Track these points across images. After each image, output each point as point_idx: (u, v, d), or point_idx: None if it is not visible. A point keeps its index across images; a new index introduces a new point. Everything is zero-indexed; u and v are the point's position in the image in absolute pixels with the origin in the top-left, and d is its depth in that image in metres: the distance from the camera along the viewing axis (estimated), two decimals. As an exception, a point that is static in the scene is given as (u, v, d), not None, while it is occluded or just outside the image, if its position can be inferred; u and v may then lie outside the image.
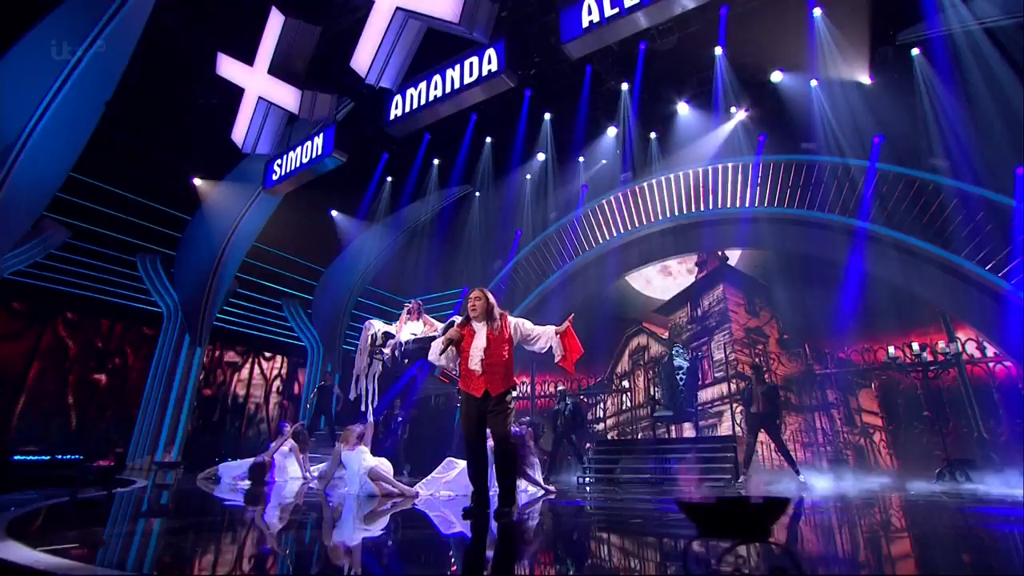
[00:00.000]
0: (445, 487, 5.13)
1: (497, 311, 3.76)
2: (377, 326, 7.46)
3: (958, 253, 8.62)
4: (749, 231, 11.03)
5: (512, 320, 3.81)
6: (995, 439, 8.34)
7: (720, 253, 11.85)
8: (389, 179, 12.74)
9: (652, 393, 10.89)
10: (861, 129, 9.21)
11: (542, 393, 12.66)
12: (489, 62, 6.66)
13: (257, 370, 12.88)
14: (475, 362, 3.58)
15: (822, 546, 2.51)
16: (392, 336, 7.46)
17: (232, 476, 6.62)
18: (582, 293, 13.20)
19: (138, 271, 11.23)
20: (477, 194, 13.60)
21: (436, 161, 12.29)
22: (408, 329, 7.52)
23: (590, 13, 5.96)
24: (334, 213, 12.85)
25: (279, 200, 11.22)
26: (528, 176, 12.91)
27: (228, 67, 8.56)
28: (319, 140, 8.42)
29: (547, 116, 10.98)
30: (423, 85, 7.31)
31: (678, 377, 9.22)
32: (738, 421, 10.38)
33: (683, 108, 10.55)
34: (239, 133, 8.79)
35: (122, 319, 11.28)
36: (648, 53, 9.58)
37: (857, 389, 9.57)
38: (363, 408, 7.09)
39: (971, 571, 2.01)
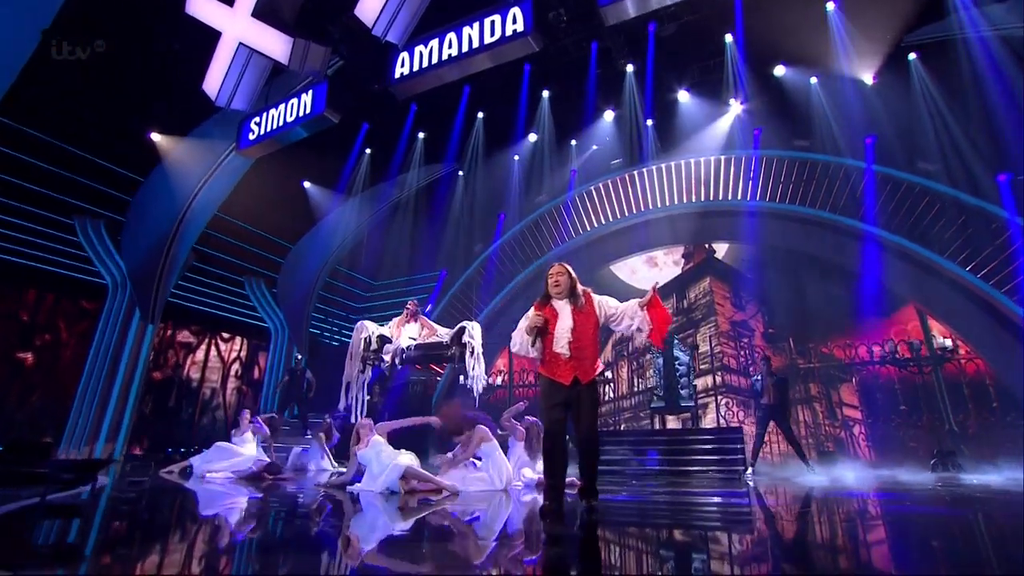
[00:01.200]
0: (475, 483, 4.65)
1: (580, 288, 3.33)
2: (371, 328, 6.78)
3: (941, 253, 8.96)
4: (740, 224, 11.07)
5: (596, 298, 3.39)
6: (964, 432, 8.79)
7: (707, 246, 11.87)
8: (368, 151, 11.87)
9: (651, 384, 10.78)
10: (857, 128, 9.38)
11: (520, 382, 12.27)
12: (514, 22, 6.12)
13: (214, 352, 11.72)
14: (561, 345, 3.16)
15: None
16: (388, 340, 6.81)
17: (211, 470, 5.79)
18: (566, 281, 12.89)
19: (76, 236, 9.85)
20: (461, 173, 12.97)
21: (421, 135, 11.55)
22: (406, 333, 6.88)
23: (632, -24, 5.55)
24: (307, 185, 11.83)
25: (247, 166, 10.16)
26: (516, 157, 12.41)
27: (201, 6, 7.51)
28: (308, 97, 7.57)
29: (545, 94, 10.50)
30: (434, 43, 6.66)
31: (676, 368, 9.20)
32: (723, 413, 10.46)
33: (683, 96, 10.38)
34: (212, 83, 7.77)
35: (54, 290, 9.87)
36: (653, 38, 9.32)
37: (839, 383, 9.86)
38: (353, 419, 6.43)
39: None
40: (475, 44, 6.34)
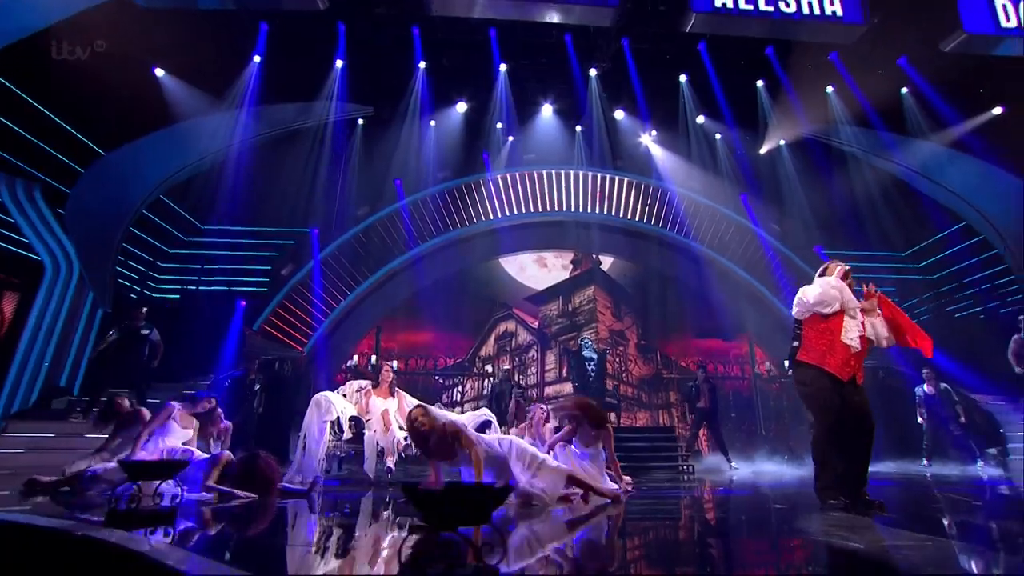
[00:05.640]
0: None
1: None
2: (338, 407, 5.07)
3: (775, 295, 11.56)
4: (627, 242, 12.27)
5: None
6: (768, 434, 11.52)
7: (594, 256, 12.72)
8: (257, 59, 9.07)
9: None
10: (736, 183, 11.45)
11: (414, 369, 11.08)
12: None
13: (-75, 288, 7.20)
14: (852, 336, 3.06)
15: None
16: (359, 420, 5.22)
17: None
18: (455, 265, 12.17)
19: None
20: (361, 121, 11.02)
21: (340, 63, 9.38)
22: (392, 415, 5.30)
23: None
24: (160, 73, 8.32)
25: (79, 8, 6.67)
26: (433, 123, 11.18)
27: None
28: (280, -41, 5.36)
29: (503, 68, 9.74)
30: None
31: (589, 369, 9.54)
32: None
33: (619, 114, 10.97)
34: None
35: None
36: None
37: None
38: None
39: None
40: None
